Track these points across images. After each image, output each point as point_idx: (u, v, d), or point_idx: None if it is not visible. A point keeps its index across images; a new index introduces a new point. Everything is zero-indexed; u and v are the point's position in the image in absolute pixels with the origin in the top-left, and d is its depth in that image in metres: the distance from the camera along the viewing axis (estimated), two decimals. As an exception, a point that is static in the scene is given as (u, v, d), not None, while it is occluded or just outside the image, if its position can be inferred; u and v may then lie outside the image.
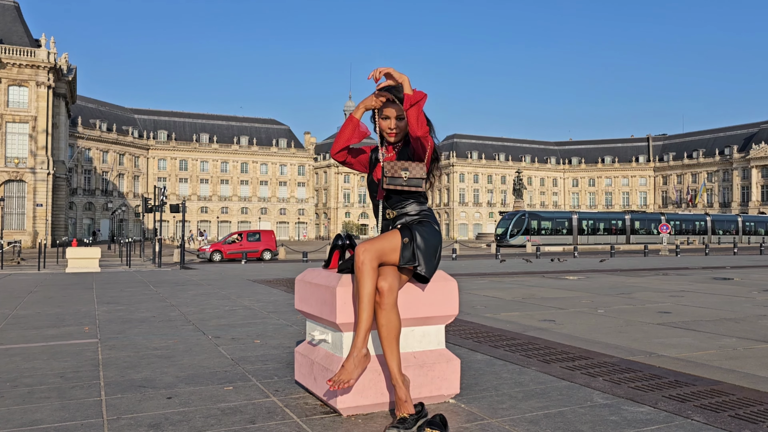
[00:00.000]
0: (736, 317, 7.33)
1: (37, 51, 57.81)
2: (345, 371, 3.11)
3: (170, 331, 6.38)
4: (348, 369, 3.12)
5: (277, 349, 5.28)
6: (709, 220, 70.60)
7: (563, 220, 63.07)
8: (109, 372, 4.46)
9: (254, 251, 35.49)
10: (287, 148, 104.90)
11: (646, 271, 17.16)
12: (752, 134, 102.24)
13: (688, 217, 73.21)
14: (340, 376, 3.10)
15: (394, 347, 3.15)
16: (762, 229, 73.94)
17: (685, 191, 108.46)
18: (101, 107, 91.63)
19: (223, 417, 3.32)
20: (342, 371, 3.11)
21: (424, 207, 3.48)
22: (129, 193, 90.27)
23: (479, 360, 4.79)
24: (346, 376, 3.10)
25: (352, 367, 3.13)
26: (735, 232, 71.22)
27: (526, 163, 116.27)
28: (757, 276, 14.55)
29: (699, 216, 72.87)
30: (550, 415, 3.32)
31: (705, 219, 70.78)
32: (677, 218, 70.99)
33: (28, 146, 57.23)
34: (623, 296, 9.83)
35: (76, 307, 8.80)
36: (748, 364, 4.72)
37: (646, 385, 3.97)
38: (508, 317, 7.43)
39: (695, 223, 70.24)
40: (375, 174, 3.53)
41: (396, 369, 3.13)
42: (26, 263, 29.36)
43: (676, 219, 70.14)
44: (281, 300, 9.42)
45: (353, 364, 3.13)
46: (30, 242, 53.96)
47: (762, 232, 73.11)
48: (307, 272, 3.85)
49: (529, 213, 61.12)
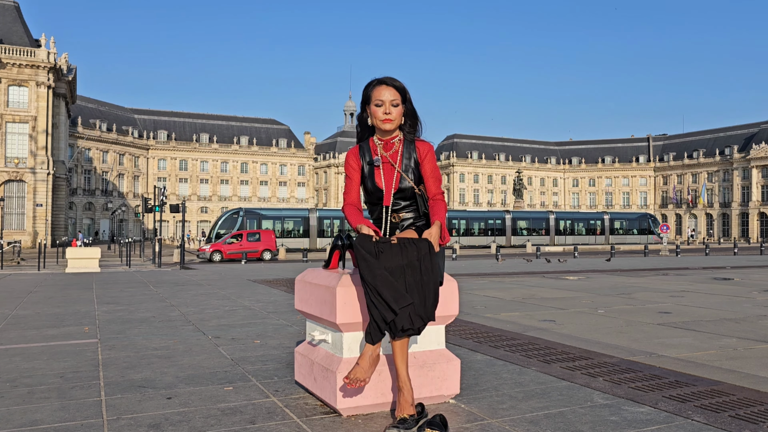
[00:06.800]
0: (737, 317, 7.33)
1: (37, 51, 57.81)
2: (361, 369, 3.07)
3: (170, 332, 6.37)
4: (363, 367, 3.08)
5: (277, 350, 5.28)
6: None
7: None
8: (109, 372, 4.46)
9: (254, 251, 35.51)
10: (287, 148, 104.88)
11: (646, 271, 17.15)
12: (752, 134, 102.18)
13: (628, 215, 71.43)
14: (356, 374, 3.06)
15: (405, 349, 3.11)
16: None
17: (685, 191, 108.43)
18: (101, 107, 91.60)
19: (223, 417, 3.32)
20: (357, 369, 3.07)
21: (426, 210, 3.47)
22: (129, 193, 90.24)
23: (479, 360, 4.78)
24: (362, 375, 3.07)
25: (367, 365, 3.09)
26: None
27: (526, 163, 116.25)
28: (757, 276, 14.54)
29: (637, 213, 70.88)
30: (551, 415, 3.32)
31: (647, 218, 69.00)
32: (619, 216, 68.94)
33: (28, 146, 57.23)
34: (623, 296, 9.83)
35: (76, 307, 8.80)
36: (749, 364, 4.72)
37: (647, 385, 3.97)
38: (508, 317, 7.42)
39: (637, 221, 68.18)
40: (376, 180, 3.41)
41: (405, 371, 3.09)
42: (26, 263, 29.35)
43: (618, 218, 67.86)
44: (281, 300, 9.42)
45: (368, 362, 3.09)
46: (30, 242, 53.97)
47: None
48: (307, 272, 3.85)
49: (246, 210, 49.38)
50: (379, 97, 3.32)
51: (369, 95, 3.37)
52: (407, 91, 3.40)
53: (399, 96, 3.34)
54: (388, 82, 3.34)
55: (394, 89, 3.33)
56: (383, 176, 3.40)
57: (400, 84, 3.38)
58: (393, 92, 3.32)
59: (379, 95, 3.33)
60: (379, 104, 3.33)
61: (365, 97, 3.40)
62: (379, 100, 3.32)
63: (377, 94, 3.33)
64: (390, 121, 3.33)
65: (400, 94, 3.35)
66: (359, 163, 3.46)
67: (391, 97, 3.32)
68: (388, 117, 3.33)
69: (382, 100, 3.32)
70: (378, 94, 3.33)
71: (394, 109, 3.33)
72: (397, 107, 3.34)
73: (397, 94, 3.34)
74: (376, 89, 3.35)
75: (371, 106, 3.36)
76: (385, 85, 3.34)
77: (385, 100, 3.31)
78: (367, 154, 3.45)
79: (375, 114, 3.35)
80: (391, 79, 3.35)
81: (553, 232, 62.08)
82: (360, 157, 3.47)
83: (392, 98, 3.32)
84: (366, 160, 3.44)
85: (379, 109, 3.33)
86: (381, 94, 3.32)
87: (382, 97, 3.32)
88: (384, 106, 3.32)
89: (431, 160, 3.42)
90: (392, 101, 3.32)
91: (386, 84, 3.34)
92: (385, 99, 3.31)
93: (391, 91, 3.32)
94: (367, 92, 3.39)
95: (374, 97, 3.34)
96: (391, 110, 3.32)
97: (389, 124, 3.34)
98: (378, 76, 3.38)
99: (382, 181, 3.39)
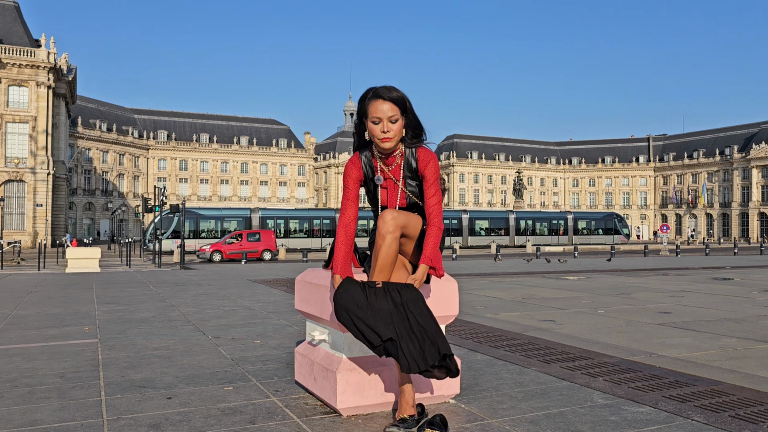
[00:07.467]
0: (737, 317, 7.33)
1: (37, 51, 57.81)
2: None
3: (170, 332, 6.37)
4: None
5: (277, 350, 5.28)
6: None
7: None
8: (109, 372, 4.46)
9: (254, 251, 35.51)
10: (287, 148, 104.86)
11: (646, 271, 17.15)
12: (752, 134, 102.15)
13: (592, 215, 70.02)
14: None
15: None
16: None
17: (685, 191, 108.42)
18: (101, 107, 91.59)
19: (223, 417, 3.32)
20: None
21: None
22: (129, 193, 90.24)
23: (479, 360, 4.78)
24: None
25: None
26: None
27: (526, 163, 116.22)
28: (757, 276, 14.54)
29: (601, 213, 69.59)
30: (551, 415, 3.32)
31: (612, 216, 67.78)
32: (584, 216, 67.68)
33: (28, 146, 57.23)
34: (623, 296, 9.83)
35: (76, 307, 8.80)
36: (749, 364, 4.72)
37: (647, 385, 3.97)
38: (508, 317, 7.42)
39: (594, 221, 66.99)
40: (381, 198, 3.27)
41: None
42: (26, 263, 29.35)
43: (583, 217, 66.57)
44: (281, 300, 9.42)
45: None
46: (30, 242, 53.97)
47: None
48: (307, 272, 3.85)
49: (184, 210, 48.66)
50: (375, 114, 3.03)
51: (365, 109, 3.09)
52: (407, 100, 3.10)
53: (398, 109, 3.05)
54: (384, 96, 3.04)
55: (391, 103, 3.03)
56: (387, 194, 3.27)
57: (399, 95, 3.07)
58: (390, 107, 3.03)
59: (375, 111, 3.03)
60: (376, 121, 3.04)
61: (361, 109, 3.12)
62: (376, 117, 3.03)
63: (373, 110, 3.04)
64: (389, 140, 3.06)
65: (399, 107, 3.06)
66: (359, 175, 3.24)
67: (389, 113, 3.02)
68: (386, 135, 3.04)
69: (378, 117, 3.03)
70: (374, 111, 3.04)
71: (393, 125, 3.04)
72: (396, 123, 3.05)
73: (396, 107, 3.04)
74: (372, 104, 3.05)
75: (368, 121, 3.08)
76: (382, 99, 3.04)
77: (382, 117, 3.02)
78: (368, 168, 3.24)
79: (373, 131, 3.06)
80: (387, 91, 3.05)
81: (512, 232, 60.17)
82: (360, 168, 3.24)
83: (390, 114, 3.03)
84: (367, 174, 3.24)
85: (376, 126, 3.05)
86: (377, 110, 3.03)
87: (379, 113, 3.03)
88: (382, 123, 3.03)
89: (432, 171, 3.16)
90: (390, 117, 3.03)
91: (382, 98, 3.04)
92: (383, 116, 3.02)
93: (388, 106, 3.02)
94: (363, 105, 3.10)
95: (370, 113, 3.05)
96: (389, 128, 3.04)
97: (388, 143, 3.07)
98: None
99: (386, 198, 3.27)
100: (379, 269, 3.08)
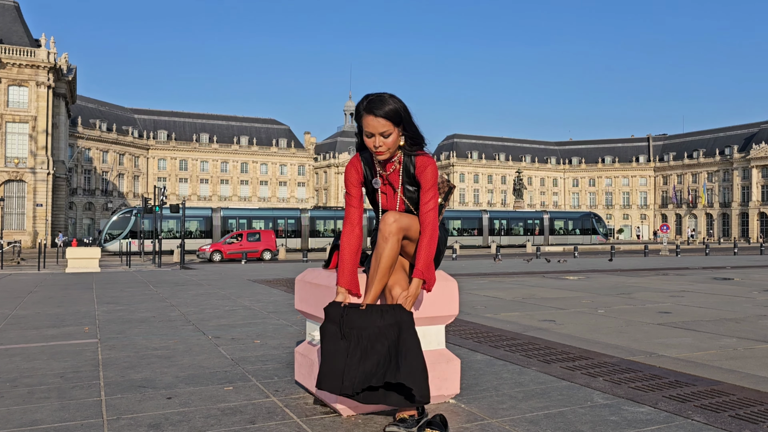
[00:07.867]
0: (737, 317, 7.33)
1: (37, 51, 57.85)
2: None
3: (170, 332, 6.37)
4: None
5: (277, 349, 5.28)
6: None
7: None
8: (109, 372, 4.46)
9: (254, 251, 35.54)
10: (287, 148, 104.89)
11: (646, 271, 17.16)
12: (752, 134, 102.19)
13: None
14: None
15: None
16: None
17: (685, 191, 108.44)
18: (101, 107, 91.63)
19: (223, 417, 3.32)
20: None
21: None
22: (129, 193, 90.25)
23: (479, 360, 4.78)
24: None
25: None
26: None
27: (526, 163, 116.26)
28: (757, 276, 14.54)
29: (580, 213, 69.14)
30: (551, 415, 3.32)
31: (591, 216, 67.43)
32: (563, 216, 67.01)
33: (28, 146, 57.26)
34: (623, 296, 9.83)
35: (76, 307, 8.80)
36: (749, 364, 4.72)
37: (647, 385, 3.97)
38: (508, 317, 7.42)
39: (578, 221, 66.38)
40: (380, 202, 3.31)
41: None
42: (26, 263, 29.35)
43: (562, 217, 65.79)
44: (281, 300, 9.42)
45: None
46: (30, 242, 54.01)
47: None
48: (307, 272, 3.85)
49: (140, 210, 42.71)
50: (367, 129, 3.07)
51: (360, 120, 3.10)
52: (401, 111, 3.07)
53: (390, 124, 3.04)
54: (375, 113, 3.02)
55: (383, 119, 3.03)
56: (387, 199, 3.29)
57: (392, 107, 3.04)
58: (382, 123, 3.03)
59: (368, 126, 3.06)
60: (369, 136, 3.08)
61: (357, 118, 3.12)
62: (368, 132, 3.08)
63: (366, 124, 3.06)
64: (382, 153, 3.10)
65: (392, 120, 3.05)
66: (360, 178, 3.27)
67: (381, 128, 3.04)
68: (379, 150, 3.09)
69: (371, 132, 3.07)
70: (366, 125, 3.06)
71: (386, 139, 3.06)
72: (390, 136, 3.06)
73: (388, 122, 3.04)
74: (365, 119, 3.06)
75: (363, 134, 3.12)
76: (373, 115, 3.03)
77: (374, 132, 3.06)
78: (367, 170, 3.26)
79: (367, 144, 3.11)
80: (380, 105, 3.03)
81: (486, 232, 59.34)
82: (360, 170, 3.27)
83: (383, 129, 3.04)
84: (367, 175, 3.27)
85: (370, 140, 3.09)
86: (369, 125, 3.05)
87: (370, 128, 3.05)
88: (374, 138, 3.07)
89: (428, 178, 3.15)
90: (383, 132, 3.05)
91: (374, 114, 3.03)
92: (374, 131, 3.05)
93: (379, 122, 3.03)
94: (359, 113, 3.10)
95: (364, 127, 3.08)
96: (381, 142, 3.06)
97: (382, 156, 3.12)
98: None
99: (386, 203, 3.30)
100: (380, 271, 3.10)
